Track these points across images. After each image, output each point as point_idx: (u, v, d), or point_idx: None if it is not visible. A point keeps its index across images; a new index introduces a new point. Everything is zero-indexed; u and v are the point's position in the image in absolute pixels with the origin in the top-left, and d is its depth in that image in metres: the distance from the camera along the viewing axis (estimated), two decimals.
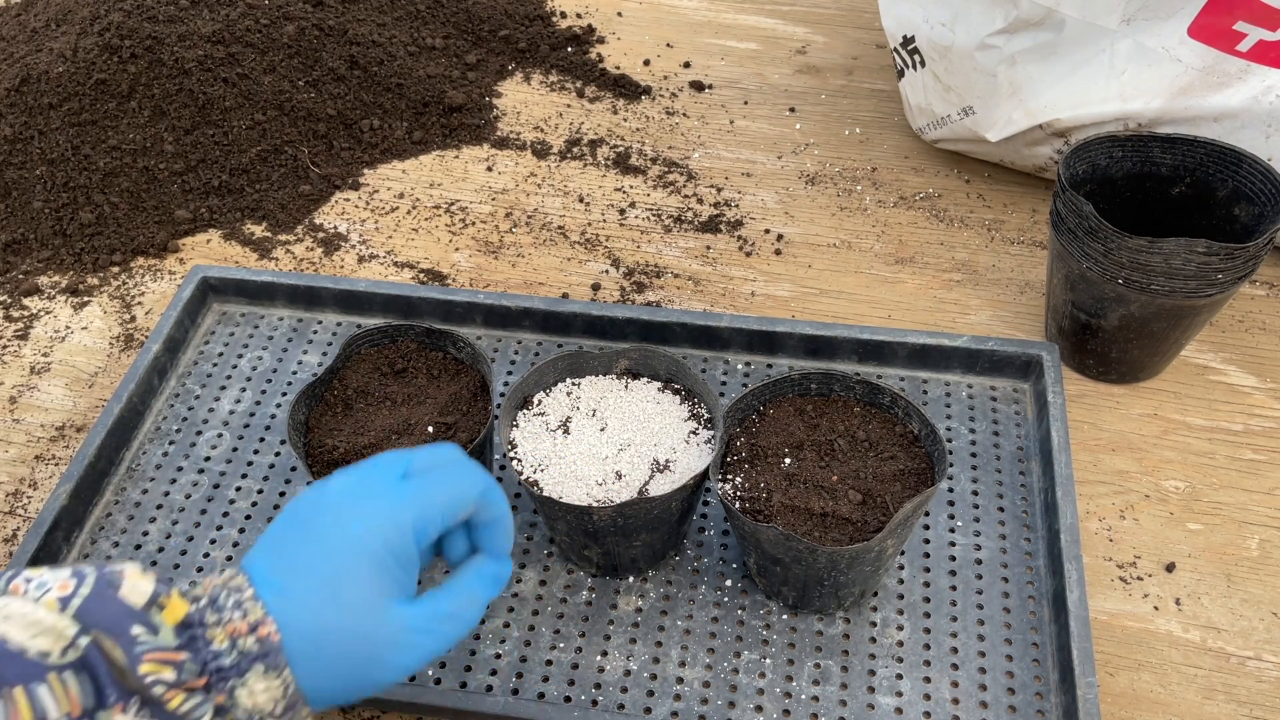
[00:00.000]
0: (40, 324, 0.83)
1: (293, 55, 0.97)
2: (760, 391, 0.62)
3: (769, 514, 0.57)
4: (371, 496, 0.45)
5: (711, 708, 0.58)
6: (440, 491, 0.46)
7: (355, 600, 0.43)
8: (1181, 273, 0.64)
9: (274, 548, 0.44)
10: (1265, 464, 0.70)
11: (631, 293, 0.83)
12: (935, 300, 0.81)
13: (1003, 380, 0.73)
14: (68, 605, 0.38)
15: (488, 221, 0.90)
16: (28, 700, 0.36)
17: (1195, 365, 0.76)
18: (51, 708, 0.37)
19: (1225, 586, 0.63)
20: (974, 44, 0.80)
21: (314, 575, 0.42)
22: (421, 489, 0.45)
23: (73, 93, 0.89)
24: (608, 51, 1.09)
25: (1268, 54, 0.71)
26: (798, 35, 1.11)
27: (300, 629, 0.41)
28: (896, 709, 0.57)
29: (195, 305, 0.79)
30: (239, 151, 0.92)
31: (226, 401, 0.75)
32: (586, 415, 0.62)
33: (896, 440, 0.60)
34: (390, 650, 0.43)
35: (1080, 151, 0.70)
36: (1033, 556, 0.64)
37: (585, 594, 0.63)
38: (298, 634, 0.41)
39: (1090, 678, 0.55)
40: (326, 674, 0.42)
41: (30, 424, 0.76)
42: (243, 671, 0.40)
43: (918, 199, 0.91)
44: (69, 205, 0.87)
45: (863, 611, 0.62)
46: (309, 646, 0.42)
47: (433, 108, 1.00)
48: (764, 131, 0.99)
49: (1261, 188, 0.68)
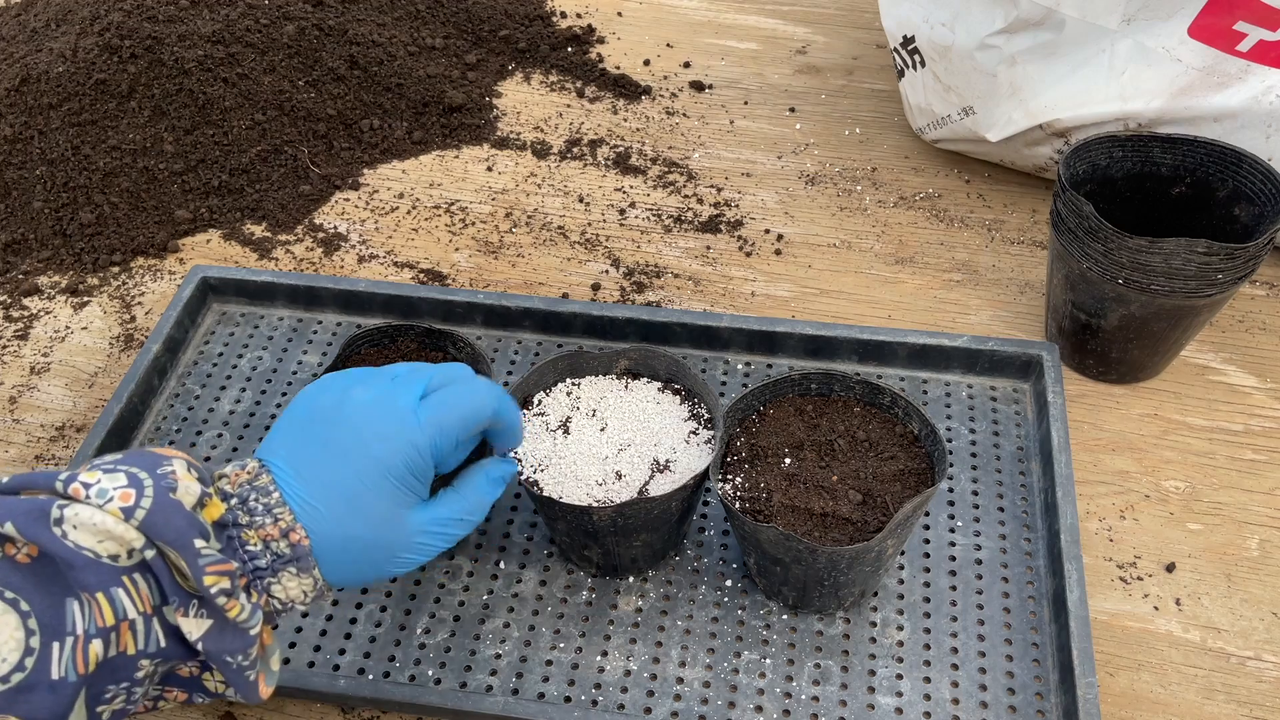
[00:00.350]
0: (40, 324, 0.83)
1: (293, 55, 0.97)
2: (760, 391, 0.62)
3: (769, 514, 0.57)
4: (393, 417, 0.48)
5: (711, 708, 0.58)
6: (457, 412, 0.49)
7: (377, 515, 0.46)
8: (1182, 273, 0.64)
9: (294, 452, 0.47)
10: (1265, 464, 0.70)
11: (631, 293, 0.83)
12: (935, 300, 0.81)
13: (1003, 380, 0.73)
14: (132, 515, 0.40)
15: (488, 221, 0.90)
16: (109, 602, 0.40)
17: (1195, 365, 0.76)
18: (129, 607, 0.41)
19: (1225, 587, 0.63)
20: (974, 44, 0.80)
21: (339, 492, 0.46)
22: (440, 411, 0.48)
23: (73, 93, 0.89)
24: (608, 51, 1.09)
25: (1268, 54, 0.71)
26: (798, 35, 1.11)
27: (327, 537, 0.45)
28: (896, 709, 0.57)
29: (195, 305, 0.79)
30: (239, 151, 0.92)
31: (226, 401, 0.75)
32: (586, 415, 0.62)
33: (896, 440, 0.60)
34: (406, 550, 0.48)
35: (1080, 151, 0.70)
36: (1033, 556, 0.64)
37: (585, 594, 0.63)
38: (325, 541, 0.45)
39: (1090, 678, 0.55)
40: (349, 570, 0.47)
41: (30, 424, 0.76)
42: (276, 571, 0.45)
43: (918, 199, 0.91)
44: (69, 205, 0.87)
45: (863, 611, 0.62)
46: (335, 552, 0.46)
47: (433, 108, 1.00)
48: (764, 131, 0.99)
49: (1261, 188, 0.68)
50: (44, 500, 0.40)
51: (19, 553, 0.40)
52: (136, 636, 0.41)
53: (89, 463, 0.43)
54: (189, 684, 0.46)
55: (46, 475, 0.41)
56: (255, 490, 0.45)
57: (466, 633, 0.61)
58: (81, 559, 0.39)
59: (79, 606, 0.39)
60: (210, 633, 0.42)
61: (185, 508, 0.41)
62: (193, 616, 0.42)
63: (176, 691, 0.46)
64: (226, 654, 0.43)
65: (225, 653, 0.43)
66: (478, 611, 0.62)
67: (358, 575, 0.47)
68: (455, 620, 0.62)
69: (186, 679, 0.45)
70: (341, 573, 0.47)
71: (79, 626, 0.39)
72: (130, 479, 0.41)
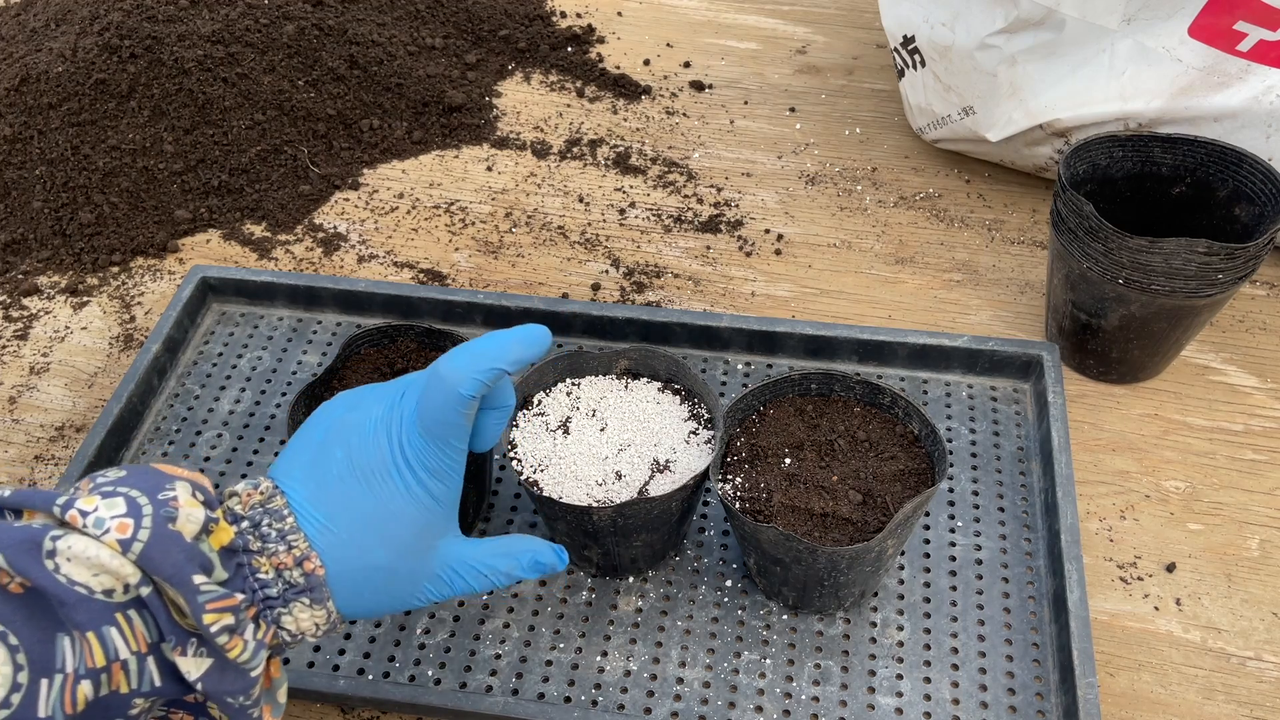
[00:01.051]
0: (40, 324, 0.82)
1: (292, 55, 0.96)
2: (760, 391, 0.62)
3: (769, 514, 0.57)
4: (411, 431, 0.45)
5: (711, 708, 0.58)
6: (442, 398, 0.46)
7: (401, 541, 0.44)
8: (1182, 273, 0.64)
9: (310, 473, 0.45)
10: (1265, 464, 0.69)
11: (631, 293, 0.83)
12: (935, 300, 0.81)
13: (1003, 380, 0.73)
14: (129, 549, 0.38)
15: (487, 221, 0.90)
16: (99, 642, 0.38)
17: (1195, 365, 0.76)
18: (122, 646, 0.38)
19: (1225, 587, 0.63)
20: (974, 44, 0.80)
21: (359, 514, 0.43)
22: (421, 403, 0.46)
23: (72, 92, 0.89)
24: (608, 51, 1.09)
25: (1268, 54, 0.71)
26: (798, 35, 1.11)
27: (345, 565, 0.43)
28: (896, 709, 0.57)
29: (195, 305, 0.79)
30: (239, 151, 0.92)
31: (226, 401, 0.75)
32: (586, 415, 0.62)
33: (897, 440, 0.60)
34: (429, 582, 0.46)
35: (1080, 151, 0.70)
36: (1033, 556, 0.64)
37: (585, 594, 0.63)
38: (343, 570, 0.43)
39: (1090, 678, 0.55)
40: (366, 601, 0.44)
41: (30, 424, 0.76)
42: (288, 602, 0.42)
43: (918, 199, 0.91)
44: (69, 205, 0.87)
45: (863, 612, 0.62)
46: (353, 583, 0.43)
47: (432, 108, 1.00)
48: (764, 131, 0.99)
49: (1262, 188, 0.68)
50: (38, 529, 0.38)
51: (12, 582, 0.38)
52: (130, 676, 0.39)
53: (91, 480, 0.41)
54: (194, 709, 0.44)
55: (45, 496, 0.40)
56: (268, 514, 0.43)
57: (466, 633, 0.61)
58: (73, 595, 0.37)
59: (70, 643, 0.38)
60: (210, 672, 0.40)
61: (185, 539, 0.40)
62: (191, 655, 0.40)
63: (182, 714, 0.44)
64: (227, 694, 0.41)
65: (226, 693, 0.41)
66: (477, 612, 0.62)
67: (375, 607, 0.45)
68: (455, 620, 0.62)
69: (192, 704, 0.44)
70: (358, 604, 0.44)
71: (69, 664, 0.37)
72: (129, 506, 0.39)
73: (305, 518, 0.43)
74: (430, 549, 0.45)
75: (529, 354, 0.48)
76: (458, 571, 0.47)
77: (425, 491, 0.45)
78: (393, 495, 0.44)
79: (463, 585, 0.47)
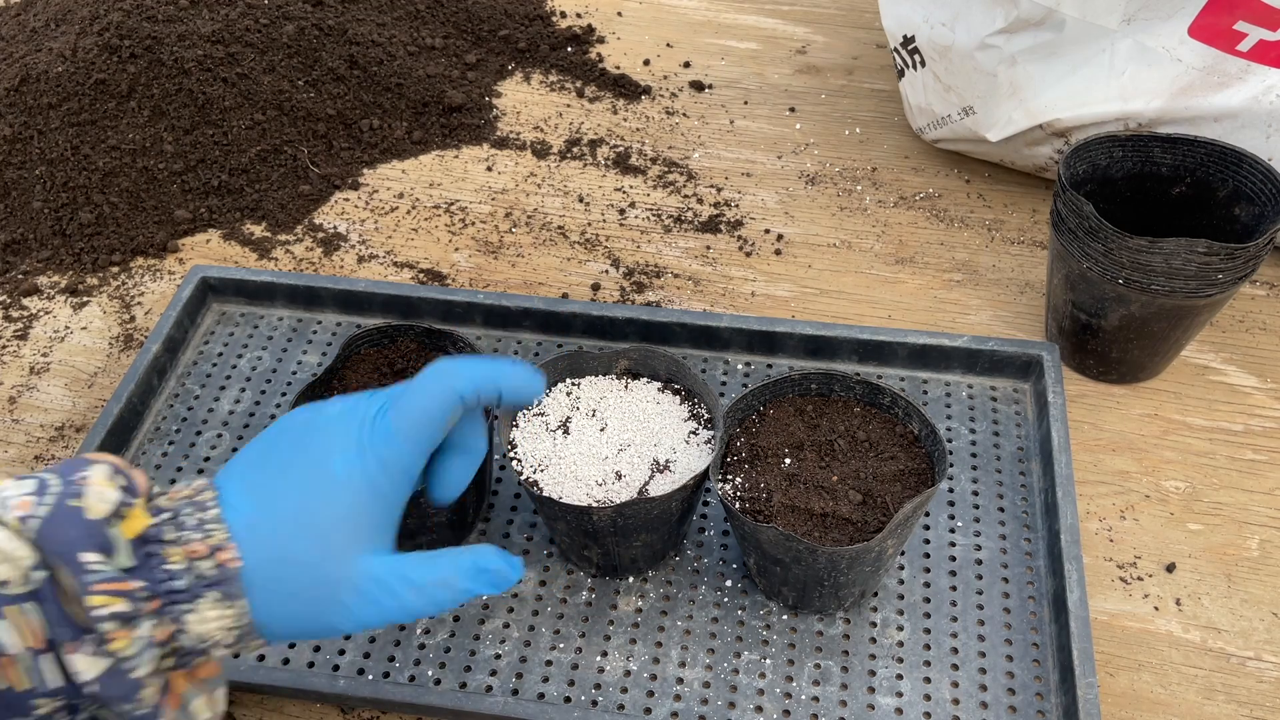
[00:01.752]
0: (40, 324, 0.82)
1: (292, 55, 0.96)
2: (760, 391, 0.62)
3: (769, 514, 0.57)
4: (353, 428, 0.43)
5: (711, 708, 0.58)
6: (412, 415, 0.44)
7: (325, 537, 0.41)
8: (1182, 273, 0.64)
9: (249, 471, 0.42)
10: (1265, 464, 0.69)
11: (631, 293, 0.83)
12: (935, 300, 0.81)
13: (1003, 380, 0.73)
14: (26, 525, 0.36)
15: (487, 221, 0.90)
16: None
17: (1195, 365, 0.76)
18: (13, 642, 0.35)
19: (1225, 587, 0.63)
20: (974, 44, 0.80)
21: (289, 502, 0.40)
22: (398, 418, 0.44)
23: (72, 92, 0.89)
24: (608, 51, 1.09)
25: (1268, 54, 0.71)
26: (798, 35, 1.11)
27: (263, 559, 0.39)
28: (896, 709, 0.57)
29: (195, 305, 0.79)
30: (239, 151, 0.92)
31: (226, 401, 0.75)
32: (586, 415, 0.62)
33: (896, 440, 0.60)
34: (352, 596, 0.41)
35: (1080, 151, 0.70)
36: (1033, 557, 0.64)
37: (585, 594, 0.63)
38: (259, 564, 0.39)
39: (1090, 678, 0.55)
40: (284, 609, 0.40)
41: (30, 424, 0.76)
42: (195, 596, 0.38)
43: (918, 199, 0.91)
44: (69, 205, 0.87)
45: (863, 612, 0.62)
46: (269, 578, 0.40)
47: (432, 108, 1.00)
48: (764, 131, 0.99)
49: (1261, 188, 0.68)
50: None
51: None
52: (24, 673, 0.36)
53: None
54: None
55: None
56: (193, 505, 0.40)
57: (466, 633, 0.61)
58: None
59: None
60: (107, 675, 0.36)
61: (85, 516, 0.37)
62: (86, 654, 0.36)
63: None
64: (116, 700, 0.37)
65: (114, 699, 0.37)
66: (477, 612, 0.62)
67: (294, 617, 0.40)
68: (455, 620, 0.62)
69: None
70: (274, 612, 0.40)
71: None
72: (38, 485, 0.37)
73: (233, 508, 0.40)
74: (355, 554, 0.41)
75: (525, 390, 0.47)
76: (384, 582, 0.42)
77: (367, 482, 0.42)
78: (330, 478, 0.41)
79: (392, 603, 0.42)
